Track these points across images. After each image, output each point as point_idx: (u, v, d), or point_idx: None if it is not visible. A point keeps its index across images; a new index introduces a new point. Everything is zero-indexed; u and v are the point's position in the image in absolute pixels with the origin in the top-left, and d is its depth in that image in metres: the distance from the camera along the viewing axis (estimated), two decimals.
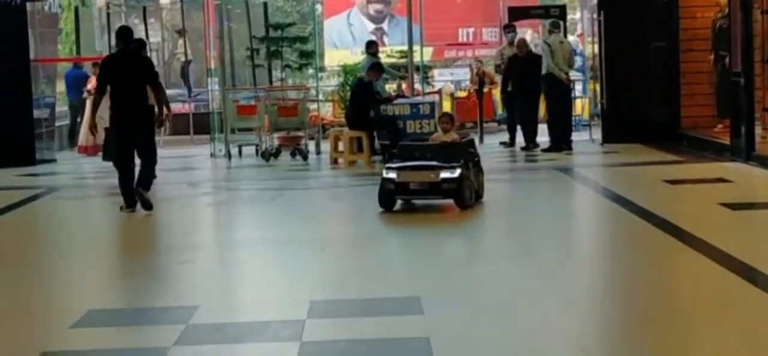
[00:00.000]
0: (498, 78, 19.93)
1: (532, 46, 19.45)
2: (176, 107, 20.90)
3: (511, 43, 18.90)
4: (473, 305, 7.14)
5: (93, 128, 12.78)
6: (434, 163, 11.07)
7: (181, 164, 17.43)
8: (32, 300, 7.87)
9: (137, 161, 11.96)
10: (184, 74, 24.74)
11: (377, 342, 6.18)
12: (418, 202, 11.36)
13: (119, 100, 11.86)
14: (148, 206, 11.70)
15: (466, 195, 10.98)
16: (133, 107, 11.77)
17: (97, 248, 10.30)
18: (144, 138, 11.90)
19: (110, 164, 13.47)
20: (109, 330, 6.76)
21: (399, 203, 11.27)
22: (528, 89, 17.69)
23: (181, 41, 25.53)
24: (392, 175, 11.02)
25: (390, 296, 7.41)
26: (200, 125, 21.99)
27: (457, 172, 10.90)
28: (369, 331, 6.44)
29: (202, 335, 6.48)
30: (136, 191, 11.72)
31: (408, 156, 11.37)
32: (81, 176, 16.99)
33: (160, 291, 8.05)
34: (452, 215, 10.85)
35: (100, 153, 18.83)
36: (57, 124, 20.55)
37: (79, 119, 20.92)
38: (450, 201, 11.01)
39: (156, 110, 12.11)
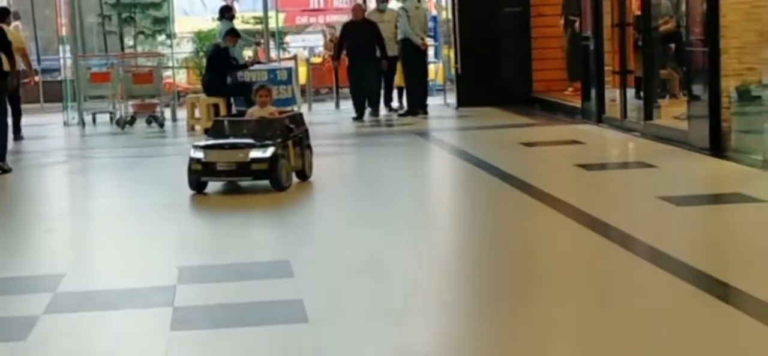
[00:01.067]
0: None
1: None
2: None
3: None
4: (340, 266, 7.24)
5: None
6: (245, 141, 10.15)
7: (34, 133, 17.07)
8: None
9: None
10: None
11: (251, 305, 6.22)
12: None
13: None
14: (5, 170, 12.28)
15: (282, 176, 10.05)
16: None
17: None
18: None
19: None
20: None
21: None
22: (364, 56, 17.15)
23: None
24: (199, 154, 10.07)
25: (259, 260, 7.44)
26: (50, 92, 21.57)
27: (269, 151, 9.99)
28: (242, 295, 6.47)
29: (72, 303, 6.42)
30: None
31: (219, 134, 10.47)
32: None
33: (22, 260, 7.93)
34: (310, 182, 10.88)
35: None
36: None
37: None
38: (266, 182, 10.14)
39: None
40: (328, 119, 17.94)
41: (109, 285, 6.92)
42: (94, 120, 18.30)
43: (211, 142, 10.25)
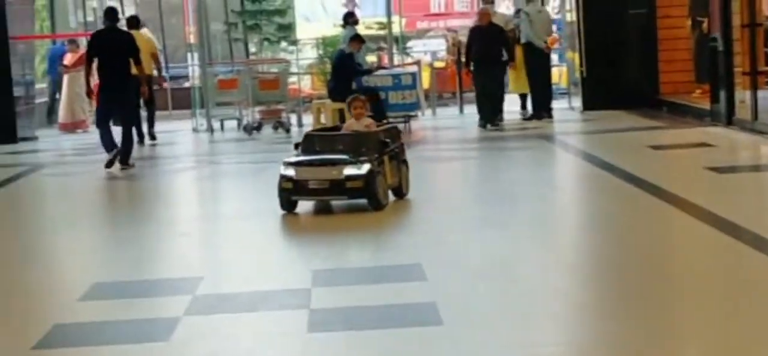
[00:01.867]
0: None
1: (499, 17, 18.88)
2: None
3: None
4: (472, 269, 7.28)
5: (90, 93, 14.35)
6: (339, 157, 9.44)
7: (164, 139, 17.46)
8: (37, 274, 7.92)
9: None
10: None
11: (386, 307, 6.29)
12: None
13: (105, 70, 13.49)
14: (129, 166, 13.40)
15: (379, 194, 9.39)
16: (117, 76, 13.37)
17: (91, 222, 10.38)
18: (125, 104, 13.57)
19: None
20: (117, 301, 6.83)
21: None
22: (491, 62, 16.75)
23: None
24: (290, 172, 9.45)
25: (392, 264, 7.52)
26: (178, 99, 22.01)
27: (365, 167, 9.32)
28: (376, 298, 6.55)
29: (211, 305, 6.57)
30: (121, 168, 13.25)
31: (310, 149, 9.72)
32: (63, 152, 17.00)
33: (161, 264, 8.14)
34: (440, 184, 10.93)
35: (80, 130, 19.07)
36: (37, 101, 20.48)
37: (57, 96, 20.89)
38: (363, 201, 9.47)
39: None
40: (453, 123, 17.96)
41: (246, 288, 7.04)
42: (222, 126, 18.63)
43: (302, 158, 9.57)
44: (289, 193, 9.47)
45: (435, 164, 13.47)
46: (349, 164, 9.30)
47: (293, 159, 9.58)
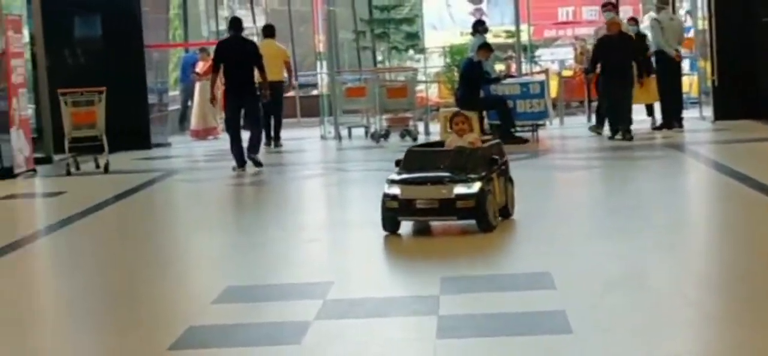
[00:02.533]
0: None
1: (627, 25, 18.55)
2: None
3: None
4: (601, 278, 7.24)
5: (213, 100, 15.61)
6: (447, 175, 8.86)
7: (293, 146, 17.70)
8: (172, 278, 8.13)
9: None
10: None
11: (515, 315, 6.29)
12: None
13: (231, 77, 14.31)
14: (258, 164, 14.20)
15: (490, 215, 8.81)
16: (242, 83, 14.13)
17: (223, 227, 10.58)
18: (251, 108, 14.37)
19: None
20: (249, 305, 6.96)
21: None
22: (619, 73, 16.22)
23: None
24: (395, 190, 8.86)
25: (521, 272, 7.51)
26: (306, 107, 22.29)
27: (476, 186, 8.78)
28: (505, 305, 6.55)
29: (341, 309, 6.65)
30: (249, 157, 14.12)
31: (412, 166, 9.10)
32: (195, 158, 17.35)
33: (292, 268, 8.25)
34: (569, 194, 10.86)
35: (211, 137, 19.45)
36: (170, 109, 20.93)
37: (189, 103, 21.34)
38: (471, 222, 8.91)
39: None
40: (581, 132, 17.82)
41: (375, 293, 7.12)
42: (349, 134, 18.80)
43: (408, 176, 8.93)
44: (395, 213, 8.87)
45: (563, 174, 13.41)
46: (458, 182, 8.72)
47: (398, 177, 8.96)
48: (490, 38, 18.99)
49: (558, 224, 9.66)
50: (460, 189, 8.69)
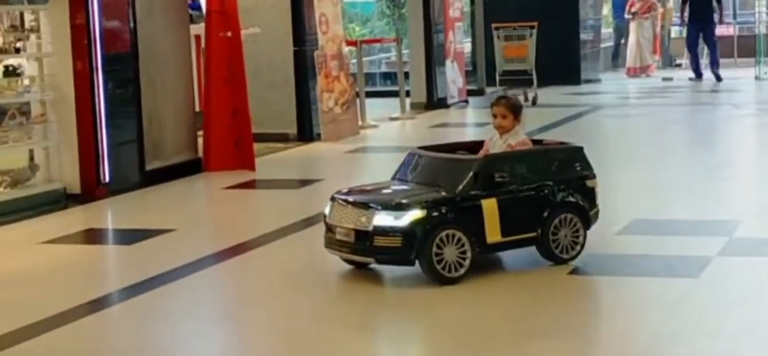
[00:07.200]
0: None
1: None
2: (720, 30, 20.58)
3: None
4: None
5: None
6: (382, 197, 6.32)
7: (728, 85, 17.39)
8: None
9: None
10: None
11: None
12: None
13: (692, 5, 18.09)
14: (718, 78, 17.76)
15: (434, 262, 6.00)
16: (701, 9, 17.92)
17: (640, 161, 10.61)
18: (709, 33, 18.26)
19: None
20: (652, 238, 7.06)
21: None
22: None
23: None
24: (327, 209, 6.43)
25: None
26: (744, 47, 21.62)
27: (407, 217, 6.01)
28: None
29: (746, 247, 6.62)
30: (711, 72, 18.07)
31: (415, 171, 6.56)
32: (625, 95, 17.39)
33: (701, 205, 8.23)
34: None
35: (645, 75, 19.35)
36: (601, 46, 21.00)
37: (622, 41, 21.32)
38: None
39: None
40: None
41: None
42: None
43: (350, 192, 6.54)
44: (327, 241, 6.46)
45: None
46: (386, 208, 6.10)
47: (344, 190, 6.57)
48: None
49: None
50: (380, 219, 6.11)
